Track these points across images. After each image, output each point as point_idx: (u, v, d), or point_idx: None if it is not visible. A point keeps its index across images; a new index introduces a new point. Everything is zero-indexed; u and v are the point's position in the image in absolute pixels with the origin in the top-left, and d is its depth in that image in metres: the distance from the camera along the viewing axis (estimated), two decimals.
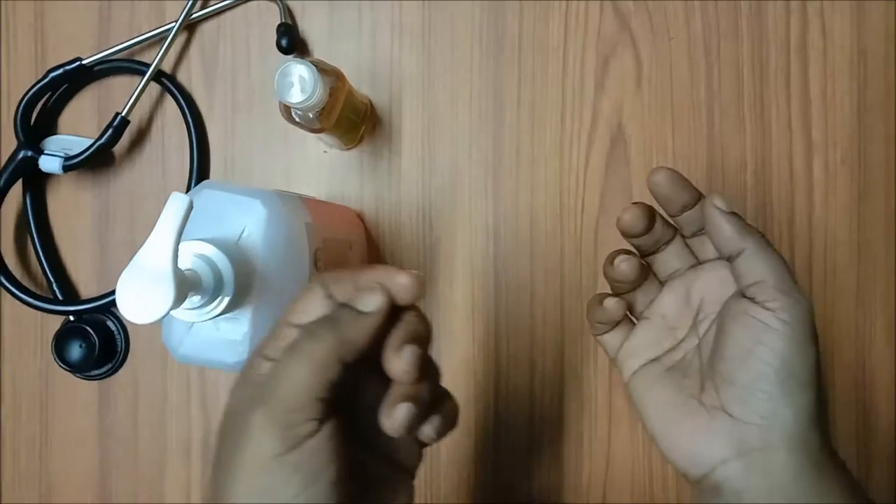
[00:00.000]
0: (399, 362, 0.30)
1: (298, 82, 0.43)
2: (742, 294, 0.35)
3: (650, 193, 0.37)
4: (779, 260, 0.35)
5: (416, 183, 0.53)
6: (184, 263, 0.32)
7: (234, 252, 0.34)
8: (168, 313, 0.29)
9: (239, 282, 0.33)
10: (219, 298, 0.33)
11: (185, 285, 0.31)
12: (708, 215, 0.35)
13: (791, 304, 0.34)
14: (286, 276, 0.37)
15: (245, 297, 0.35)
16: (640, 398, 0.38)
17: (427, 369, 0.32)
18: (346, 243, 0.48)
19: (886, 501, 0.50)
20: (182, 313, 0.33)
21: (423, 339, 0.32)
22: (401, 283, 0.31)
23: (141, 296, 0.29)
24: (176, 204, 0.30)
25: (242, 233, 0.36)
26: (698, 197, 0.37)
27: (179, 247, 0.32)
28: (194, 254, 0.33)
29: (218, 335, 0.36)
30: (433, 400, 0.33)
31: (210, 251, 0.33)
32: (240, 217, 0.36)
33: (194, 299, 0.32)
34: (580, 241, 0.52)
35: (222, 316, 0.34)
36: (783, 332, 0.33)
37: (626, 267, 0.38)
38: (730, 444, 0.34)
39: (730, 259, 0.35)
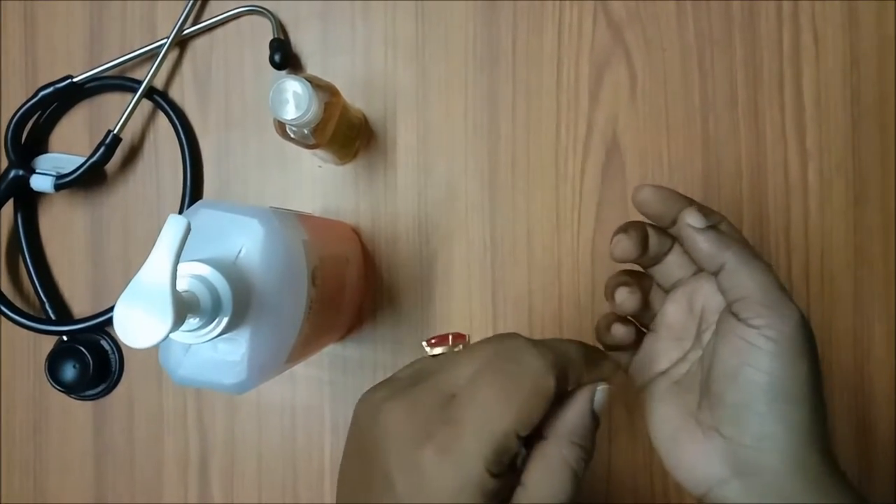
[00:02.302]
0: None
1: (293, 98, 0.42)
2: (728, 310, 0.34)
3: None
4: (763, 271, 0.33)
5: (412, 196, 0.53)
6: (181, 285, 0.32)
7: (232, 272, 0.34)
8: (167, 337, 0.29)
9: (237, 302, 0.33)
10: (217, 319, 0.33)
11: (184, 308, 0.30)
12: (683, 234, 0.35)
13: (777, 319, 0.32)
14: (284, 295, 0.36)
15: (243, 318, 0.34)
16: (648, 413, 0.37)
17: None
18: (343, 259, 0.48)
19: None
20: (180, 335, 0.32)
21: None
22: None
23: (139, 320, 0.29)
24: (174, 226, 0.30)
25: (240, 252, 0.35)
26: (688, 203, 0.36)
27: (181, 266, 0.32)
28: (191, 275, 0.32)
29: (216, 356, 0.35)
30: None
31: (207, 272, 0.33)
32: (237, 236, 0.35)
33: (192, 321, 0.32)
34: (577, 253, 0.52)
35: (220, 337, 0.33)
36: (770, 351, 0.32)
37: (626, 304, 0.37)
38: (726, 464, 0.33)
39: (714, 274, 0.35)
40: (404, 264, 0.53)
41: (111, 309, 0.54)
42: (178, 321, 0.29)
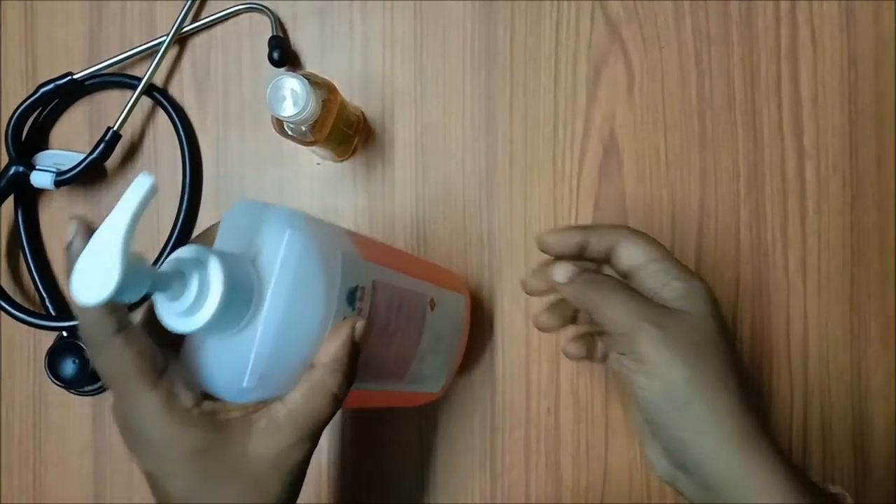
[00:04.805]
0: None
1: (291, 96, 0.43)
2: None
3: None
4: (617, 304, 0.35)
5: (410, 194, 0.53)
6: (171, 264, 0.31)
7: (241, 267, 0.33)
8: (112, 295, 0.28)
9: (233, 296, 0.31)
10: (205, 305, 0.31)
11: (142, 272, 0.29)
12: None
13: (642, 347, 0.34)
14: (299, 303, 0.34)
15: (242, 317, 0.33)
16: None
17: None
18: (422, 297, 0.43)
19: None
20: (169, 319, 0.31)
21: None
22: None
23: (90, 275, 0.28)
24: (137, 185, 0.29)
25: (259, 252, 0.34)
26: (580, 234, 0.39)
27: (178, 249, 0.32)
28: (189, 257, 0.32)
29: (222, 357, 0.34)
30: None
31: (206, 257, 0.31)
32: (265, 237, 0.34)
33: (177, 303, 0.31)
34: None
35: (230, 340, 0.32)
36: (647, 384, 0.34)
37: (543, 322, 0.41)
38: (669, 462, 0.36)
39: None
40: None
41: None
42: (135, 284, 0.29)
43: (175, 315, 0.31)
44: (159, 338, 0.34)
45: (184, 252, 0.32)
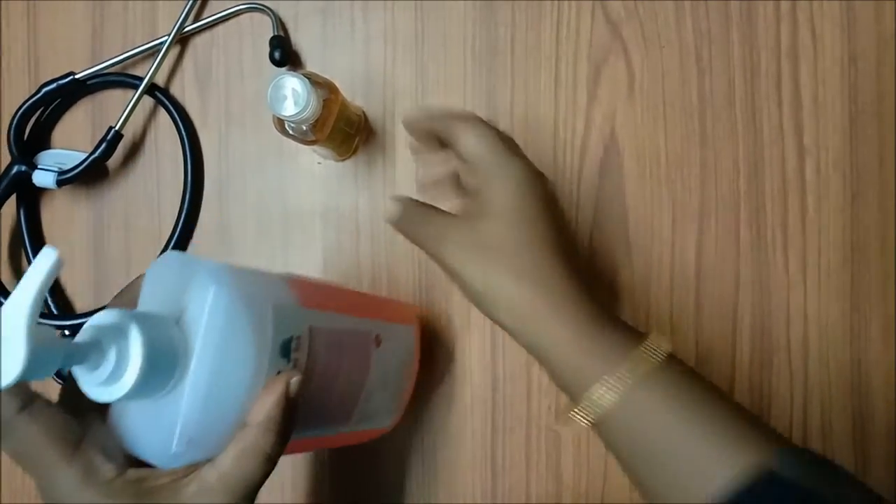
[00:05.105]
0: None
1: (291, 95, 0.43)
2: None
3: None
4: (425, 230, 0.39)
5: (411, 193, 0.53)
6: (88, 333, 0.30)
7: (164, 331, 0.31)
8: (18, 379, 0.26)
9: (155, 361, 0.30)
10: (124, 376, 0.30)
11: (53, 349, 0.28)
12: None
13: (447, 262, 0.38)
14: (231, 365, 0.33)
15: (174, 381, 0.31)
16: None
17: None
18: (366, 335, 0.42)
19: None
20: (85, 386, 0.30)
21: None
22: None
23: None
24: (42, 260, 0.28)
25: (184, 310, 0.32)
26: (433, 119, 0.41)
27: (96, 315, 0.31)
28: (105, 324, 0.30)
29: (150, 420, 0.33)
30: None
31: (122, 322, 0.30)
32: (188, 293, 0.33)
33: (97, 373, 0.29)
34: (574, 250, 0.52)
35: (157, 404, 0.31)
36: (460, 286, 0.38)
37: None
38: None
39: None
40: (403, 261, 0.53)
41: None
42: (43, 363, 0.27)
43: (95, 385, 0.30)
44: (83, 401, 0.31)
45: (101, 318, 0.31)
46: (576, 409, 0.35)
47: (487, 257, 0.36)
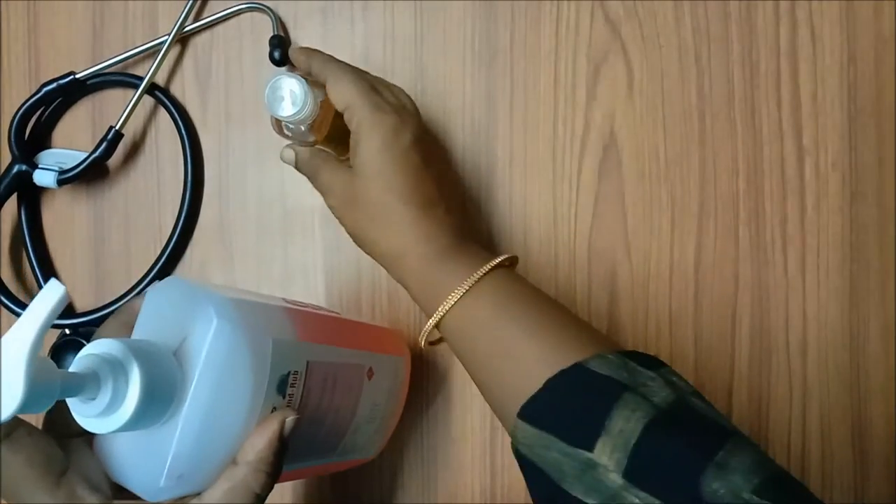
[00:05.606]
0: None
1: (289, 96, 0.43)
2: None
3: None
4: (317, 173, 0.45)
5: None
6: (85, 363, 0.29)
7: (159, 360, 0.31)
8: (16, 413, 0.26)
9: (151, 394, 0.29)
10: (121, 407, 0.29)
11: (52, 384, 0.27)
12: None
13: (324, 199, 0.45)
14: (227, 402, 0.32)
15: (169, 414, 0.31)
16: None
17: None
18: (359, 368, 0.42)
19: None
20: (80, 418, 0.30)
21: None
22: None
23: None
24: (47, 293, 0.27)
25: (182, 342, 0.31)
26: (309, 59, 0.45)
27: (89, 344, 0.30)
28: (101, 353, 0.29)
29: (137, 458, 0.32)
30: None
31: (120, 354, 0.29)
32: (189, 323, 0.32)
33: (91, 404, 0.29)
34: (574, 250, 0.52)
35: (147, 435, 0.31)
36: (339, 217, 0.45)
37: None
38: None
39: None
40: None
41: (113, 303, 0.54)
42: (42, 396, 0.27)
43: (89, 416, 0.29)
44: (68, 426, 0.31)
45: (98, 348, 0.30)
46: (429, 321, 0.40)
47: (357, 209, 0.42)
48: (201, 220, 0.56)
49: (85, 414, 0.29)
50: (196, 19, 0.56)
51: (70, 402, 0.29)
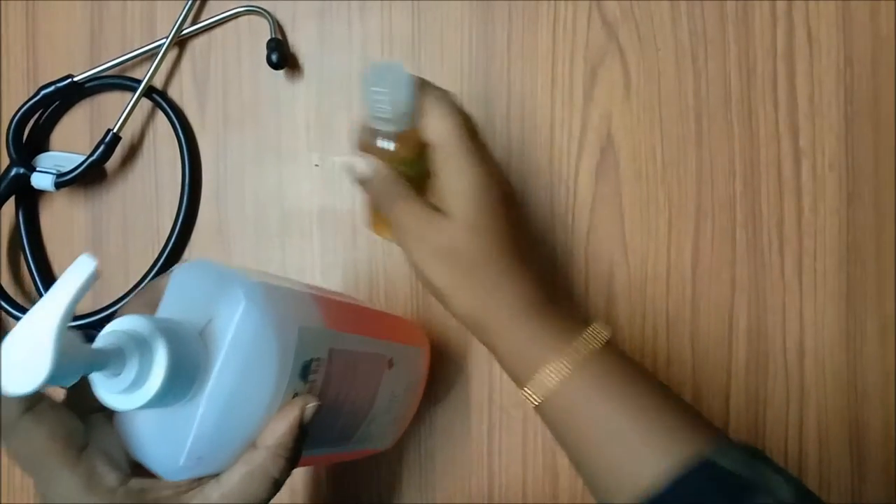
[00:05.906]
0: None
1: (400, 84, 0.38)
2: None
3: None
4: (395, 206, 0.39)
5: None
6: (110, 339, 0.29)
7: (185, 340, 0.30)
8: (43, 385, 0.26)
9: (177, 373, 0.29)
10: (145, 386, 0.29)
11: (79, 358, 0.27)
12: None
13: (409, 257, 0.41)
14: (246, 382, 0.32)
15: (192, 394, 0.31)
16: None
17: None
18: (380, 358, 0.42)
19: None
20: (102, 394, 0.29)
21: None
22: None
23: (19, 362, 0.26)
24: (78, 268, 0.27)
25: (209, 322, 0.31)
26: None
27: (115, 320, 0.30)
28: (128, 330, 0.29)
29: (161, 429, 0.32)
30: None
31: (146, 331, 0.29)
32: (215, 304, 0.32)
33: (115, 381, 0.29)
34: (570, 252, 0.52)
35: (169, 413, 0.31)
36: (417, 274, 0.41)
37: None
38: None
39: None
40: (401, 263, 0.53)
41: (111, 306, 0.54)
42: (68, 370, 0.27)
43: (113, 392, 0.29)
44: (90, 401, 0.31)
45: (124, 324, 0.30)
46: (523, 391, 0.38)
47: (448, 261, 0.38)
48: (199, 223, 0.56)
49: (109, 390, 0.29)
50: (194, 22, 0.56)
51: (94, 377, 0.29)
